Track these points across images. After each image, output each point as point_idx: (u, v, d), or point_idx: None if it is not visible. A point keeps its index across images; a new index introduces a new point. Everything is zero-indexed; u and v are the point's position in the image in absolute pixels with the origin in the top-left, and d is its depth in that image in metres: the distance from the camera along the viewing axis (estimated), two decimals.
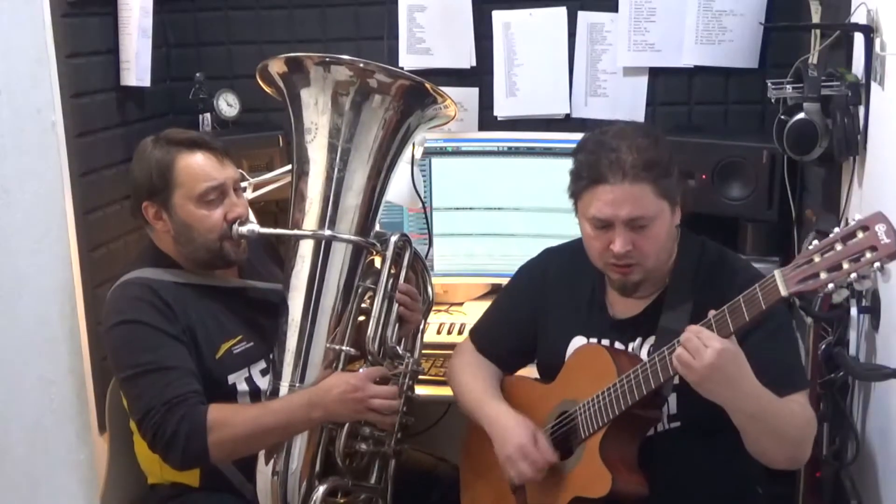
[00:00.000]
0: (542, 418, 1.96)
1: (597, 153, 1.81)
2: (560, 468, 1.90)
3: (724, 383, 1.64)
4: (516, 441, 1.89)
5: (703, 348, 1.61)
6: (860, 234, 1.47)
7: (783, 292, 1.56)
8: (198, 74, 2.71)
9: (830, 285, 1.51)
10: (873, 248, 1.45)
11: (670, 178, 1.82)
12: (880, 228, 1.45)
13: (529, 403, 1.99)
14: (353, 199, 2.02)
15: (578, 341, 1.97)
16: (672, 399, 1.85)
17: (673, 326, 1.76)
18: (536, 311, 2.06)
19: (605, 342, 1.93)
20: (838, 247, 1.50)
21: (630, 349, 1.91)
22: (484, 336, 2.15)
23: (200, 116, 2.70)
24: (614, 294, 1.96)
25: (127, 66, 2.53)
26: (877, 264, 1.45)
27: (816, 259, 1.52)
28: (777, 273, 1.57)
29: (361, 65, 1.98)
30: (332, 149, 2.01)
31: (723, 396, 1.66)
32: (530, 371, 2.16)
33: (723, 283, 1.83)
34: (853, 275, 1.48)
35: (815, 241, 1.54)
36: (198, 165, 2.02)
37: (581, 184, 1.85)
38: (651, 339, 1.88)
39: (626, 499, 1.78)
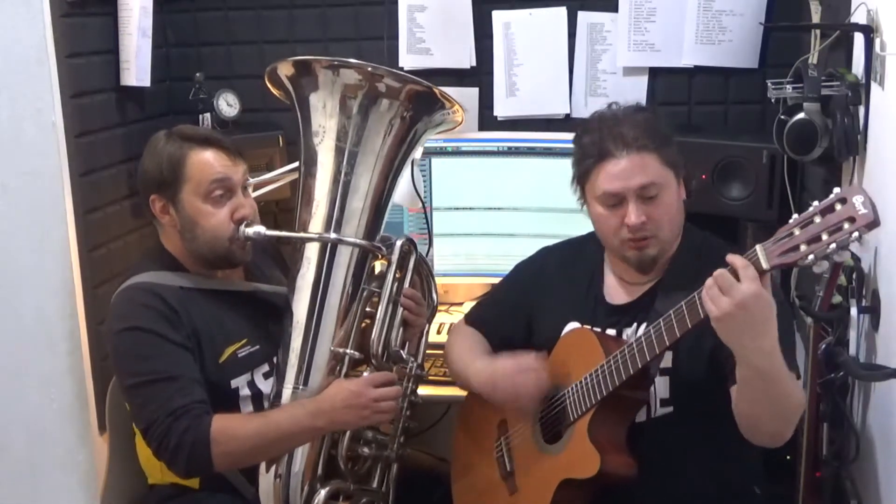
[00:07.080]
0: None
1: (600, 131, 1.87)
2: (549, 451, 1.91)
3: (746, 328, 1.58)
4: (507, 368, 1.93)
5: (736, 284, 1.57)
6: (839, 207, 1.50)
7: (765, 266, 1.57)
8: (198, 74, 2.70)
9: (811, 257, 1.52)
10: (851, 220, 1.48)
11: (672, 147, 1.89)
12: (857, 200, 1.48)
13: None
14: (359, 203, 2.02)
15: (572, 327, 1.98)
16: (664, 383, 1.86)
17: (668, 311, 1.74)
18: (531, 305, 2.08)
19: (600, 329, 1.94)
20: (817, 220, 1.52)
21: (625, 335, 1.92)
22: (477, 319, 2.19)
23: (200, 116, 2.69)
24: (612, 281, 1.98)
25: (127, 66, 2.53)
26: (855, 234, 1.47)
27: (796, 232, 1.54)
28: (759, 247, 1.59)
29: (370, 69, 1.97)
30: (339, 152, 2.01)
31: (739, 343, 1.60)
32: None
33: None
34: (832, 245, 1.49)
35: (796, 215, 1.57)
36: (209, 161, 2.02)
37: (588, 163, 1.88)
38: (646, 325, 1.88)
39: (614, 479, 1.79)
